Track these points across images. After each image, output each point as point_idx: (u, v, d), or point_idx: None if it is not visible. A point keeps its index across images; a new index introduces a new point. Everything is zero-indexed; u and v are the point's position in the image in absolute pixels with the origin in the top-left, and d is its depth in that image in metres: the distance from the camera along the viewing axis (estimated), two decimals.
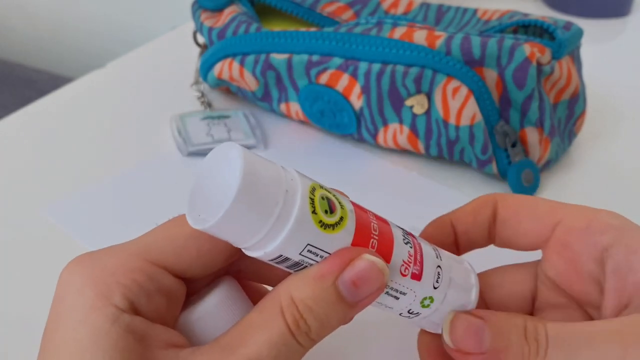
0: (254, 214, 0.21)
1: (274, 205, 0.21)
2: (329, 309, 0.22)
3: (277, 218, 0.21)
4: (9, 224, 0.41)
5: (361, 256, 0.22)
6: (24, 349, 0.33)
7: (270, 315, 0.22)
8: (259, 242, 0.21)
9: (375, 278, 0.23)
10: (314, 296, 0.22)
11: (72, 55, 1.07)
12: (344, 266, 0.22)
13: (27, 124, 0.51)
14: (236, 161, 0.21)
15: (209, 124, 0.48)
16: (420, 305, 0.25)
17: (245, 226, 0.21)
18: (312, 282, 0.22)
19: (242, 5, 0.50)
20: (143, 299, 0.22)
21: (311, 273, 0.22)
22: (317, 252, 0.22)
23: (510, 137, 0.41)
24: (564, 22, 0.43)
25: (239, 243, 0.22)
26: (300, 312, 0.22)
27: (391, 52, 0.42)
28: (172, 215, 0.41)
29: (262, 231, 0.21)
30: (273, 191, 0.21)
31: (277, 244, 0.21)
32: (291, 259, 0.22)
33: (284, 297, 0.22)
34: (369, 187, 0.43)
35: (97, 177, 0.44)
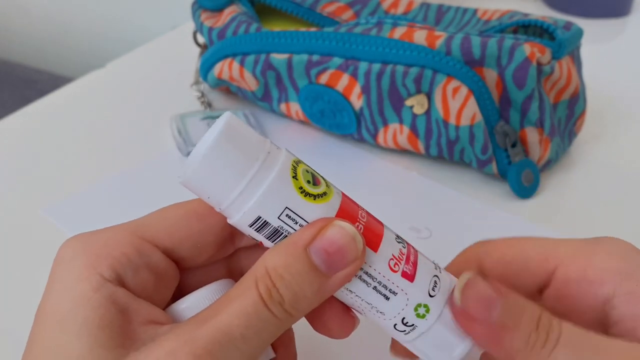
0: (233, 165, 0.21)
1: (254, 160, 0.21)
2: (302, 278, 0.22)
3: (256, 172, 0.21)
4: (9, 224, 0.41)
5: (332, 223, 0.22)
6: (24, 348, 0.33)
7: (245, 287, 0.22)
8: (237, 200, 0.21)
9: (349, 246, 0.22)
10: (285, 264, 0.22)
11: (72, 55, 1.07)
12: (316, 234, 0.22)
13: (27, 124, 0.51)
14: (222, 119, 0.21)
15: (209, 124, 0.48)
16: (415, 314, 0.24)
17: (223, 177, 0.21)
18: (284, 250, 0.22)
19: (242, 5, 0.50)
20: (130, 272, 0.23)
21: (284, 242, 0.22)
22: (296, 218, 0.22)
23: (510, 137, 0.41)
24: (564, 22, 0.43)
25: (218, 199, 0.22)
26: (273, 281, 0.22)
27: (391, 52, 0.42)
28: None
29: (240, 185, 0.21)
30: (254, 149, 0.22)
31: (255, 199, 0.21)
32: (270, 223, 0.22)
33: (259, 269, 0.22)
34: (369, 187, 0.43)
35: (97, 177, 0.44)
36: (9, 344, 0.34)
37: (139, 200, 0.43)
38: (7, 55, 1.07)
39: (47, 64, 1.06)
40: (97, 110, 0.52)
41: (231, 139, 0.21)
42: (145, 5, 0.98)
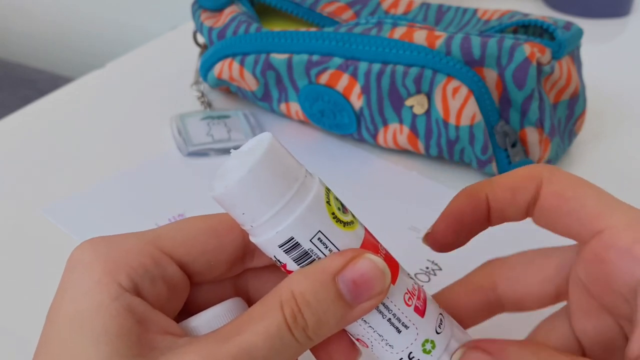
0: (273, 184, 0.21)
1: (293, 181, 0.22)
2: (327, 305, 0.22)
3: (294, 194, 0.22)
4: (9, 224, 0.41)
5: (364, 255, 0.22)
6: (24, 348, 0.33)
7: (269, 308, 0.22)
8: (273, 219, 0.22)
9: (377, 280, 0.22)
10: (312, 290, 0.22)
11: (72, 55, 1.07)
12: (346, 264, 0.22)
13: (27, 124, 0.51)
14: (265, 140, 0.22)
15: (209, 124, 0.48)
16: (422, 349, 0.24)
17: (262, 195, 0.21)
18: (312, 276, 0.22)
19: (242, 5, 0.50)
20: (147, 282, 0.23)
21: (312, 267, 0.22)
22: (326, 243, 0.22)
23: (510, 137, 0.41)
24: (564, 22, 0.43)
25: (253, 217, 0.22)
26: (299, 306, 0.22)
27: (391, 52, 0.42)
28: (172, 216, 0.41)
29: (277, 204, 0.21)
30: (293, 171, 0.22)
31: (290, 221, 0.22)
32: (301, 245, 0.22)
33: (285, 291, 0.22)
34: (369, 187, 0.43)
35: (97, 177, 0.44)
36: (12, 342, 0.34)
37: (139, 200, 0.43)
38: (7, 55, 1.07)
39: (47, 64, 1.06)
40: (97, 110, 0.52)
41: (273, 159, 0.21)
42: (145, 6, 0.98)
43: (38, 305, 0.35)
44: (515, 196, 0.25)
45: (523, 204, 0.25)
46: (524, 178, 0.25)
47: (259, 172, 0.21)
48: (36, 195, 0.43)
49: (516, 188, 0.25)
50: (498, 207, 0.26)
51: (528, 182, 0.25)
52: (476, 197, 0.26)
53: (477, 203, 0.26)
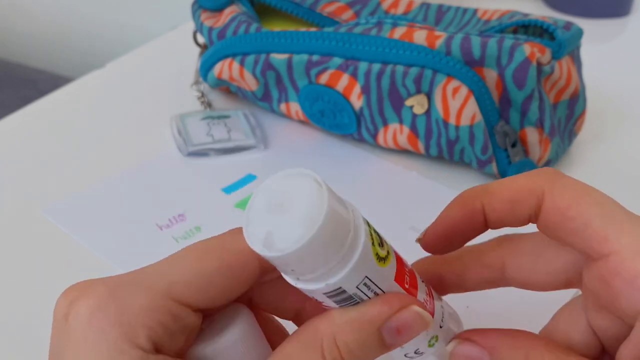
0: (329, 247, 0.20)
1: (346, 237, 0.21)
2: (370, 352, 0.22)
3: (346, 251, 0.21)
4: (9, 224, 0.41)
5: (409, 307, 0.23)
6: (24, 348, 0.33)
7: (310, 353, 0.22)
8: (323, 275, 0.21)
9: (418, 328, 0.23)
10: (358, 340, 0.22)
11: (72, 55, 1.07)
12: (392, 314, 0.22)
13: (27, 124, 0.51)
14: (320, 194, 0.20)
15: (209, 124, 0.48)
16: (427, 344, 0.25)
17: (317, 258, 0.20)
18: (358, 327, 0.22)
19: (242, 5, 0.50)
20: (166, 338, 0.22)
21: (357, 315, 0.22)
22: (370, 285, 0.22)
23: (510, 137, 0.41)
24: (564, 22, 0.43)
25: (303, 273, 0.21)
26: (342, 355, 0.22)
27: (391, 52, 0.42)
28: (172, 216, 0.41)
29: (331, 263, 0.21)
30: (346, 225, 0.21)
31: (341, 275, 0.21)
32: (346, 292, 0.22)
33: (327, 338, 0.22)
34: (369, 187, 0.43)
35: (97, 177, 0.44)
36: (12, 343, 0.34)
37: (139, 200, 0.43)
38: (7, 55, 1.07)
39: (47, 64, 1.06)
40: (97, 110, 0.52)
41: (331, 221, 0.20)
42: (145, 6, 0.98)
43: (38, 305, 0.35)
44: (515, 209, 0.24)
45: (524, 216, 0.24)
46: (524, 191, 0.24)
47: (317, 239, 0.20)
48: (36, 195, 0.43)
49: (515, 201, 0.24)
50: (496, 217, 0.25)
51: (528, 195, 0.24)
52: (471, 207, 0.25)
53: (471, 213, 0.25)
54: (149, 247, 0.39)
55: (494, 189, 0.24)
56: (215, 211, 0.42)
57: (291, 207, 0.20)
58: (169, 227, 0.40)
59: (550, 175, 0.24)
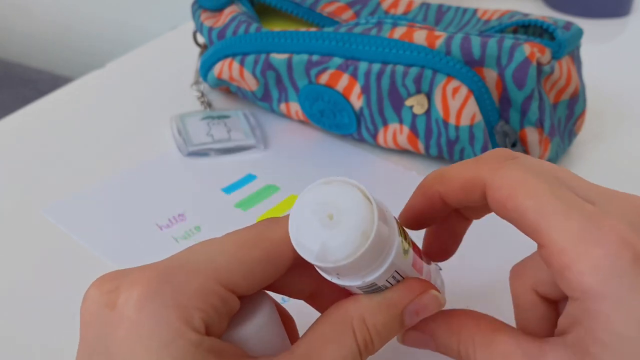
0: (374, 256, 0.22)
1: (385, 245, 0.23)
2: (391, 332, 0.25)
3: (386, 253, 0.23)
4: (9, 224, 0.41)
5: (428, 292, 0.25)
6: (24, 348, 0.33)
7: (343, 333, 0.24)
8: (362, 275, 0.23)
9: (434, 309, 0.26)
10: (384, 322, 0.24)
11: (72, 55, 1.07)
12: (414, 298, 0.25)
13: (27, 124, 0.51)
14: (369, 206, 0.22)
15: (209, 124, 0.48)
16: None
17: (362, 267, 0.23)
18: (385, 310, 0.24)
19: (242, 5, 0.50)
20: (217, 321, 0.23)
21: (384, 300, 0.25)
22: (396, 276, 0.24)
23: (510, 137, 0.41)
24: (564, 22, 0.43)
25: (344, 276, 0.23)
26: (371, 335, 0.24)
27: (391, 52, 0.42)
28: (172, 215, 0.41)
29: (371, 267, 0.23)
30: (386, 230, 0.23)
31: (378, 274, 0.23)
32: (377, 284, 0.24)
33: (357, 319, 0.24)
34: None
35: (97, 177, 0.44)
36: (12, 343, 0.34)
37: (139, 200, 0.43)
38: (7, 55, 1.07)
39: (47, 64, 1.06)
40: (97, 110, 0.52)
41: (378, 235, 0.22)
42: (145, 6, 0.98)
43: (38, 305, 0.35)
44: (467, 196, 0.25)
45: (477, 202, 0.25)
46: (470, 180, 0.25)
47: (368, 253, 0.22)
48: (36, 195, 0.43)
49: (466, 189, 0.25)
50: (454, 202, 0.26)
51: (473, 186, 0.25)
52: (429, 194, 0.26)
53: (431, 201, 0.26)
54: (149, 247, 0.39)
55: (447, 176, 0.26)
56: (216, 211, 0.42)
57: (342, 220, 0.21)
58: (169, 227, 0.40)
59: (493, 162, 0.24)
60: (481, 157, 0.25)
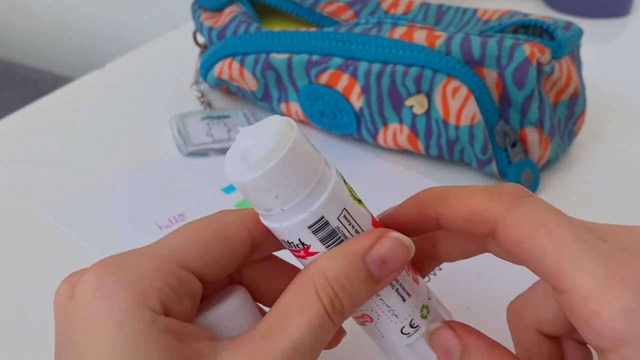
0: (307, 164, 0.22)
1: (319, 161, 0.22)
2: (359, 285, 0.23)
3: (322, 175, 0.22)
4: (9, 224, 0.41)
5: (388, 234, 0.23)
6: (24, 348, 0.33)
7: (305, 298, 0.22)
8: (305, 200, 0.22)
9: (401, 254, 0.23)
10: (346, 273, 0.22)
11: (72, 55, 1.07)
12: (373, 243, 0.23)
13: (27, 124, 0.51)
14: (286, 125, 0.22)
15: (209, 124, 0.48)
16: (420, 315, 0.25)
17: (296, 177, 0.22)
18: (343, 259, 0.23)
19: (242, 5, 0.50)
20: (175, 301, 0.23)
21: (341, 249, 0.23)
22: (350, 220, 0.23)
23: (510, 137, 0.41)
24: (564, 22, 0.43)
25: (286, 199, 0.22)
26: (335, 292, 0.22)
27: (391, 52, 0.42)
28: (172, 215, 0.41)
29: (310, 184, 0.22)
30: (315, 153, 0.22)
31: (322, 199, 0.22)
32: (330, 224, 0.23)
33: (318, 278, 0.22)
34: (369, 187, 0.43)
35: (97, 177, 0.44)
36: (12, 343, 0.34)
37: (139, 200, 0.43)
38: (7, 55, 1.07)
39: (47, 64, 1.06)
40: (97, 110, 0.52)
41: (303, 141, 0.22)
42: (145, 6, 0.98)
43: (38, 305, 0.35)
44: (468, 227, 0.24)
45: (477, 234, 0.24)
46: (478, 214, 0.23)
47: (294, 154, 0.21)
48: (36, 195, 0.43)
49: (469, 221, 0.24)
50: (450, 227, 0.25)
51: (481, 221, 0.23)
52: (425, 212, 0.25)
53: (425, 219, 0.25)
54: None
55: (450, 201, 0.24)
56: (215, 211, 0.42)
57: (264, 136, 0.22)
58: (169, 227, 0.40)
59: (508, 199, 0.23)
60: (493, 189, 0.24)
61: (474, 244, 0.26)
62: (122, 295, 0.21)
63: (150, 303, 0.22)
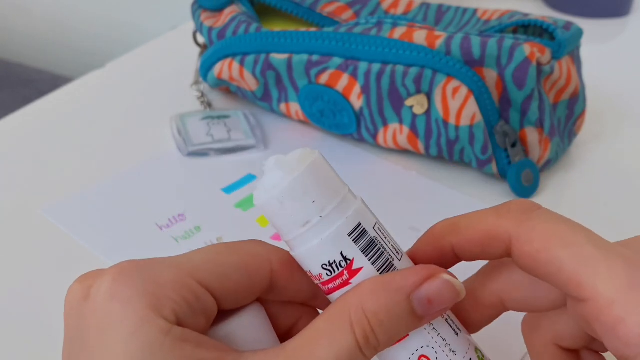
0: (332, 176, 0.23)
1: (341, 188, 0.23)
2: (400, 322, 0.22)
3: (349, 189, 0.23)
4: (9, 224, 0.41)
5: (439, 275, 0.22)
6: (25, 348, 0.33)
7: (339, 326, 0.21)
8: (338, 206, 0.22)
9: (450, 297, 0.22)
10: (387, 309, 0.21)
11: (72, 55, 1.07)
12: (421, 281, 0.22)
13: (27, 124, 0.51)
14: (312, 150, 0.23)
15: (209, 124, 0.48)
16: (477, 355, 0.24)
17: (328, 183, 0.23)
18: (386, 294, 0.22)
19: (242, 5, 0.50)
20: (189, 316, 0.22)
21: (385, 282, 0.22)
22: (385, 234, 0.23)
23: (510, 137, 0.41)
24: (564, 22, 0.43)
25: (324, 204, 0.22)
26: (372, 326, 0.21)
27: (391, 52, 0.42)
28: (172, 215, 0.41)
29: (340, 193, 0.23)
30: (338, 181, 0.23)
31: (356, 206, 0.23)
32: (368, 232, 0.22)
33: (354, 308, 0.22)
34: (369, 187, 0.43)
35: (97, 177, 0.44)
36: (12, 343, 0.34)
37: (139, 200, 0.43)
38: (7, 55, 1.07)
39: (47, 64, 1.06)
40: (97, 110, 0.52)
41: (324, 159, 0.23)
42: (145, 6, 0.98)
43: (38, 305, 0.35)
44: (485, 251, 0.23)
45: (495, 256, 0.24)
46: (490, 234, 0.23)
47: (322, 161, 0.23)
48: (36, 195, 0.43)
49: (484, 244, 0.23)
50: (468, 256, 0.24)
51: (495, 241, 0.23)
52: (440, 246, 0.24)
53: (442, 252, 0.25)
54: (148, 247, 0.39)
55: (462, 228, 0.24)
56: (215, 211, 0.42)
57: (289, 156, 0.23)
58: (169, 227, 0.40)
59: (517, 215, 0.23)
60: (500, 208, 0.23)
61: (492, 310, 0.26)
62: (138, 302, 0.21)
63: (166, 313, 0.21)
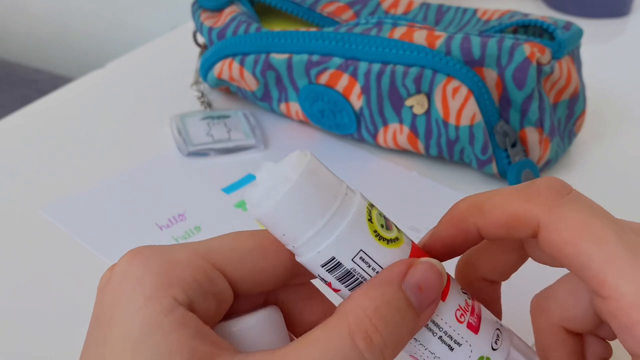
0: (312, 204, 0.21)
1: (332, 201, 0.21)
2: (401, 317, 0.21)
3: (334, 213, 0.21)
4: (9, 224, 0.41)
5: (419, 260, 0.22)
6: (25, 348, 0.33)
7: (335, 333, 0.21)
8: (313, 239, 0.21)
9: (438, 281, 0.22)
10: (386, 302, 0.21)
11: (72, 55, 1.07)
12: (406, 270, 0.22)
13: (27, 124, 0.51)
14: (302, 158, 0.22)
15: (209, 124, 0.48)
16: None
17: (302, 216, 0.21)
18: (380, 289, 0.21)
19: (242, 5, 0.50)
20: (200, 297, 0.22)
21: (374, 282, 0.22)
22: (369, 262, 0.22)
23: (510, 137, 0.41)
24: (564, 22, 0.43)
25: (294, 237, 0.22)
26: (375, 325, 0.21)
27: (391, 52, 0.42)
28: (172, 215, 0.41)
29: (317, 224, 0.21)
30: (332, 189, 0.22)
31: (330, 240, 0.21)
32: (343, 265, 0.22)
33: (352, 313, 0.21)
34: (369, 187, 0.43)
35: (97, 177, 0.44)
36: (12, 343, 0.34)
37: (139, 200, 0.43)
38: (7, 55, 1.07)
39: (47, 64, 1.06)
40: (97, 110, 0.52)
41: (312, 178, 0.21)
42: (145, 6, 0.98)
43: (38, 304, 0.35)
44: (510, 233, 0.23)
45: (521, 238, 0.24)
46: (518, 218, 0.23)
47: (297, 192, 0.21)
48: (36, 195, 0.43)
49: (510, 227, 0.23)
50: (492, 237, 0.24)
51: (522, 224, 0.23)
52: (464, 227, 0.24)
53: (465, 233, 0.24)
54: None
55: (487, 210, 0.23)
56: (215, 211, 0.42)
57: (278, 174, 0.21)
58: (169, 227, 0.40)
59: (546, 200, 0.22)
60: (529, 187, 0.23)
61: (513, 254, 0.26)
62: (147, 280, 0.22)
63: (174, 292, 0.22)
